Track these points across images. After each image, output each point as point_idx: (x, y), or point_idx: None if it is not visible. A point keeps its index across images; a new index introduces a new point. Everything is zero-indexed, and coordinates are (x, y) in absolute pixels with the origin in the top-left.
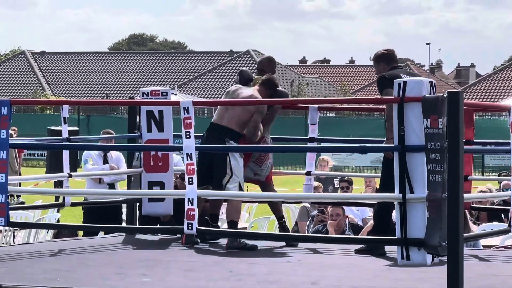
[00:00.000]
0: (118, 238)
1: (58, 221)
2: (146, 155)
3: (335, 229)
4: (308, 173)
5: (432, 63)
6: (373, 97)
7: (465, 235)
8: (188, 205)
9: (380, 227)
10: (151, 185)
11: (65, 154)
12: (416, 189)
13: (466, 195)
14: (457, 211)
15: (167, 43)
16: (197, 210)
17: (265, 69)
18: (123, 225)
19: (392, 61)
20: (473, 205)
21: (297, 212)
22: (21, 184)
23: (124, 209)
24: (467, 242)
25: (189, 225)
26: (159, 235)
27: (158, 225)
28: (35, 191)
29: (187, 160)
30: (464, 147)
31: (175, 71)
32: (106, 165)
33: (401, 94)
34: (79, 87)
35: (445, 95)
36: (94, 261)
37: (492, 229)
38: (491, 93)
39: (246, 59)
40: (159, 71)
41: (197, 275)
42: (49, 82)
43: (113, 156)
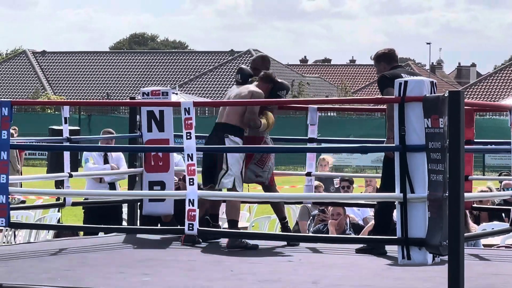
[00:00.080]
0: (118, 237)
1: (59, 221)
2: (147, 155)
3: (336, 229)
4: (308, 174)
5: (432, 63)
6: (374, 97)
7: (465, 234)
8: (189, 206)
9: (380, 227)
10: (151, 185)
11: (66, 154)
12: (416, 188)
13: (466, 194)
14: (458, 210)
15: (168, 42)
16: (198, 210)
17: (259, 67)
18: (124, 224)
19: (393, 60)
20: (474, 205)
21: (298, 211)
22: (22, 184)
23: (124, 209)
24: (468, 241)
25: (190, 226)
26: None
27: (159, 225)
28: (36, 192)
29: (188, 160)
30: (465, 147)
31: (176, 70)
32: (107, 165)
33: (402, 93)
34: (80, 86)
35: (446, 95)
36: (95, 261)
37: (492, 229)
38: (491, 92)
39: (246, 58)
40: (160, 70)
41: (198, 275)
42: (50, 81)
43: (114, 155)
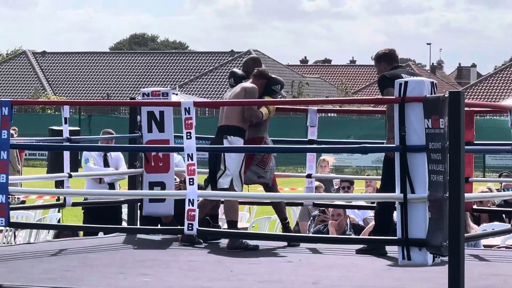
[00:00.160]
0: (119, 237)
1: (59, 221)
2: (147, 155)
3: (336, 229)
4: (308, 176)
5: (433, 63)
6: (374, 98)
7: (466, 235)
8: (188, 206)
9: (381, 227)
10: (151, 185)
11: (66, 154)
12: (417, 189)
13: (467, 195)
14: (458, 211)
15: (168, 43)
16: (197, 210)
17: (250, 69)
18: (124, 225)
19: (393, 60)
20: (475, 206)
21: (298, 212)
22: (22, 184)
23: (124, 209)
24: (468, 242)
25: (190, 226)
26: (160, 235)
27: (159, 226)
28: (36, 191)
29: (188, 160)
30: (465, 147)
31: (176, 71)
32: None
33: (402, 94)
34: (80, 87)
35: (446, 95)
36: (95, 261)
37: (493, 229)
38: (492, 93)
39: None
40: (160, 71)
41: (198, 275)
42: (50, 82)
43: (113, 155)
